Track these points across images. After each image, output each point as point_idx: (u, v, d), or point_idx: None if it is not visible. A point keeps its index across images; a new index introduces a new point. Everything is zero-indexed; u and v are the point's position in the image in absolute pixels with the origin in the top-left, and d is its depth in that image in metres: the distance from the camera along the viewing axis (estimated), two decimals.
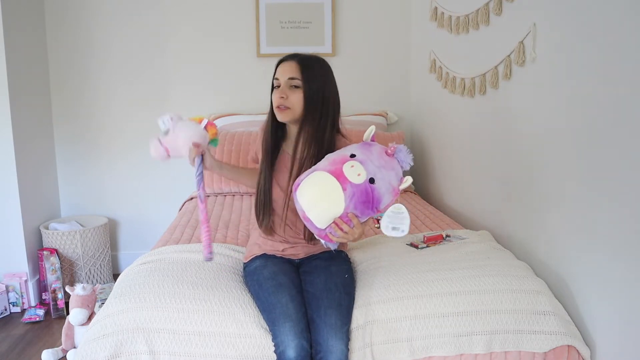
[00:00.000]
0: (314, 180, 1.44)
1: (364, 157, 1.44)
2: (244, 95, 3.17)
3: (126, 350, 1.46)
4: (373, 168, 1.43)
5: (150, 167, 3.21)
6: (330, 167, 1.43)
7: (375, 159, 1.45)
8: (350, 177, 1.40)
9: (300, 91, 1.60)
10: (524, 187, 1.94)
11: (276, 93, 1.62)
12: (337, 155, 1.49)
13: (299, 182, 1.48)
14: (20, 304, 2.71)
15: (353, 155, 1.45)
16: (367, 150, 1.47)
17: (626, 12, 1.39)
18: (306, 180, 1.46)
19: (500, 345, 1.53)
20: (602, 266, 1.52)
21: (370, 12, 3.20)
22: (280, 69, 1.63)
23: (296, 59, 1.62)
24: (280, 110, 1.61)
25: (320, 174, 1.43)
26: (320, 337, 1.42)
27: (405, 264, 1.72)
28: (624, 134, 1.41)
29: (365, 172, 1.41)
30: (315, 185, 1.43)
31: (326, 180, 1.41)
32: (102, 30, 3.07)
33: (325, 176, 1.42)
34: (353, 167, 1.41)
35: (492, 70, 2.11)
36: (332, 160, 1.46)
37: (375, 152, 1.47)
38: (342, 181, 1.40)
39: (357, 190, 1.40)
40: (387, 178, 1.44)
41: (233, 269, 1.75)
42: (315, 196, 1.43)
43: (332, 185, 1.40)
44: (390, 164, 1.46)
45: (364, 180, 1.40)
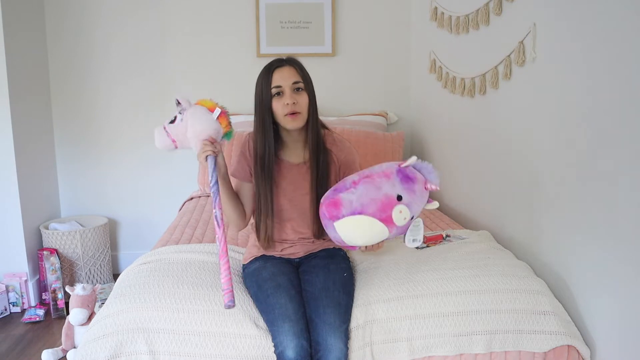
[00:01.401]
0: (363, 225, 1.43)
1: (410, 200, 1.46)
2: (244, 95, 3.14)
3: (126, 351, 1.46)
4: (417, 208, 1.47)
5: (150, 167, 3.22)
6: (379, 214, 1.42)
7: (419, 198, 1.48)
8: (398, 222, 1.44)
9: (304, 93, 1.59)
10: (524, 187, 1.94)
11: (283, 99, 1.56)
12: (382, 195, 1.43)
13: (338, 215, 1.43)
14: (20, 304, 2.71)
15: (399, 198, 1.45)
16: (411, 189, 1.47)
17: (626, 11, 1.39)
18: (352, 219, 1.43)
19: (500, 345, 1.53)
20: (602, 266, 1.52)
21: (370, 12, 3.19)
22: (279, 76, 1.58)
23: (291, 63, 1.61)
24: (292, 117, 1.57)
25: (369, 220, 1.43)
26: (319, 336, 1.42)
27: (405, 264, 1.72)
28: (624, 134, 1.41)
29: (410, 214, 1.46)
30: (364, 231, 1.44)
31: (374, 226, 1.43)
32: (102, 30, 3.07)
33: (375, 223, 1.43)
34: (401, 213, 1.44)
35: (492, 70, 2.11)
36: (380, 203, 1.42)
37: (418, 190, 1.48)
38: (389, 226, 1.44)
39: (399, 230, 1.47)
40: (420, 208, 1.49)
41: (233, 270, 1.75)
42: (365, 240, 1.46)
43: (380, 230, 1.44)
44: (425, 197, 1.50)
45: (407, 221, 1.46)
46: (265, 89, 1.59)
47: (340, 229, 1.44)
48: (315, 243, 1.73)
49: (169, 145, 1.52)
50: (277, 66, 1.59)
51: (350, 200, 1.43)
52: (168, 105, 3.16)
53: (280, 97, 1.58)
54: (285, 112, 1.56)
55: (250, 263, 1.70)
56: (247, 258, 1.75)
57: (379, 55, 3.24)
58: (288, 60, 1.62)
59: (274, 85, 1.57)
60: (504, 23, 2.04)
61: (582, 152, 1.58)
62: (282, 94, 1.57)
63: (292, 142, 1.68)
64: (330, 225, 1.46)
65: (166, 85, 3.15)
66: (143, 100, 3.15)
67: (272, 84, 1.58)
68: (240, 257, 1.85)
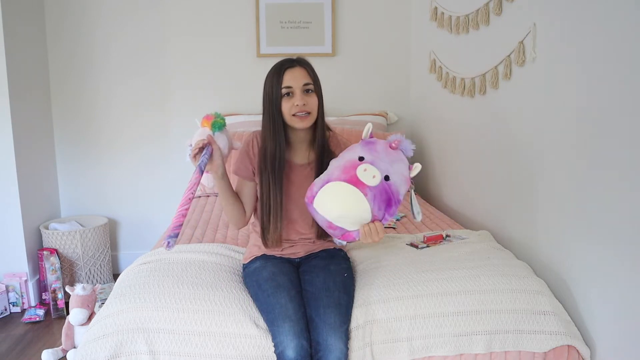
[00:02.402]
0: (333, 191, 1.44)
1: (372, 157, 1.45)
2: (244, 95, 3.17)
3: (126, 351, 1.46)
4: (384, 165, 1.45)
5: (150, 167, 3.22)
6: (344, 176, 1.43)
7: (383, 155, 1.47)
8: (366, 181, 1.42)
9: (314, 95, 1.60)
10: (524, 187, 1.94)
11: (292, 101, 1.57)
12: (344, 160, 1.48)
13: (313, 194, 1.47)
14: (20, 304, 2.71)
15: (362, 158, 1.45)
16: (372, 149, 1.48)
17: (626, 11, 1.39)
18: (323, 191, 1.45)
19: (500, 345, 1.53)
20: (602, 266, 1.52)
21: (370, 12, 3.20)
22: (290, 76, 1.57)
23: (301, 64, 1.61)
24: (302, 118, 1.58)
25: (336, 185, 1.43)
26: (319, 336, 1.42)
27: (405, 264, 1.72)
28: (624, 134, 1.41)
29: (379, 172, 1.43)
30: (335, 196, 1.43)
31: (346, 190, 1.42)
32: (102, 30, 3.07)
33: (343, 186, 1.42)
34: (366, 171, 1.43)
35: (492, 70, 2.11)
36: (342, 167, 1.46)
37: (381, 149, 1.48)
38: (360, 187, 1.42)
39: (377, 192, 1.43)
40: (398, 171, 1.47)
41: (233, 270, 1.75)
42: (340, 208, 1.44)
43: (353, 194, 1.42)
44: (397, 156, 1.49)
45: (380, 181, 1.43)
46: (275, 89, 1.58)
47: (319, 206, 1.46)
48: (316, 243, 1.73)
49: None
50: (289, 66, 1.59)
51: (321, 178, 1.49)
52: (168, 105, 3.17)
53: (290, 98, 1.58)
54: (293, 112, 1.57)
55: (251, 263, 1.70)
56: (247, 258, 1.75)
57: (379, 55, 3.24)
58: (299, 61, 1.62)
59: (285, 85, 1.57)
60: (504, 23, 2.04)
61: (582, 152, 1.58)
62: (292, 95, 1.58)
63: (298, 143, 1.68)
64: (313, 210, 1.48)
65: (166, 85, 3.15)
66: (143, 100, 3.15)
67: (283, 84, 1.57)
68: (240, 257, 1.85)
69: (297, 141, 1.68)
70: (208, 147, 1.55)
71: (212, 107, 3.19)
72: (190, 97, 3.18)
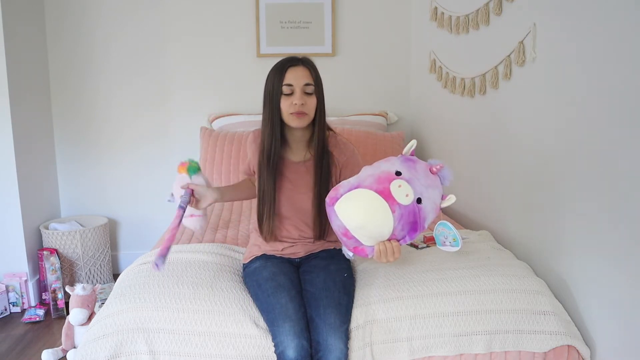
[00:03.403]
0: (359, 197, 1.37)
1: (410, 176, 1.38)
2: (244, 95, 3.17)
3: (126, 351, 1.46)
4: (420, 187, 1.38)
5: (150, 167, 3.22)
6: (376, 186, 1.36)
7: (422, 177, 1.40)
8: (398, 198, 1.35)
9: (313, 97, 1.61)
10: (523, 187, 1.94)
11: (291, 99, 1.58)
12: (379, 170, 1.41)
13: (337, 196, 1.41)
14: (20, 304, 2.71)
15: (399, 173, 1.39)
16: (412, 167, 1.41)
17: (626, 11, 1.39)
18: (349, 195, 1.38)
19: (500, 345, 1.53)
20: (602, 266, 1.52)
21: (370, 12, 3.19)
22: (293, 75, 1.58)
23: (305, 64, 1.61)
24: (298, 117, 1.58)
25: (366, 193, 1.36)
26: (319, 336, 1.42)
27: (405, 264, 1.72)
28: (625, 134, 1.41)
29: (413, 192, 1.36)
30: (360, 203, 1.37)
31: (373, 201, 1.35)
32: (102, 30, 3.07)
33: (372, 196, 1.35)
34: (401, 187, 1.36)
35: (492, 70, 2.11)
36: (377, 177, 1.39)
37: (421, 170, 1.41)
38: (390, 202, 1.35)
39: (405, 212, 1.36)
40: (432, 197, 1.40)
41: (233, 270, 1.75)
42: (362, 217, 1.37)
43: (381, 207, 1.35)
44: (435, 182, 1.42)
45: (412, 202, 1.36)
46: (276, 85, 1.59)
47: (340, 210, 1.39)
48: (316, 243, 1.73)
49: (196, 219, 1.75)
50: (292, 64, 1.60)
51: (349, 181, 1.43)
52: (168, 105, 3.17)
53: (289, 96, 1.59)
54: (291, 110, 1.58)
55: (251, 262, 1.71)
56: (247, 257, 1.75)
57: (379, 55, 3.24)
58: (303, 61, 1.62)
59: (286, 83, 1.58)
60: (504, 23, 2.04)
61: (582, 152, 1.58)
62: (292, 94, 1.58)
63: (295, 142, 1.70)
64: (333, 214, 1.42)
65: (166, 85, 3.15)
66: (143, 100, 3.15)
67: (284, 81, 1.58)
68: (240, 256, 1.85)
69: (294, 139, 1.69)
70: (187, 190, 1.64)
71: (212, 107, 3.20)
72: (190, 97, 3.18)
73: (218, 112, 3.17)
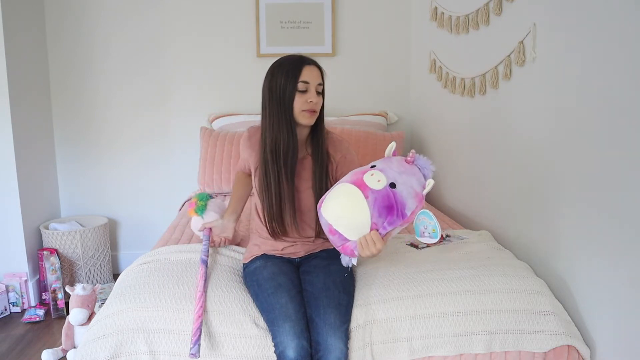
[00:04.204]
0: (338, 192, 1.45)
1: (383, 166, 1.46)
2: (244, 95, 3.17)
3: (126, 351, 1.46)
4: (393, 174, 1.44)
5: (150, 167, 3.22)
6: (352, 179, 1.45)
7: (395, 166, 1.46)
8: (370, 184, 1.41)
9: (321, 96, 1.65)
10: (524, 187, 1.94)
11: (306, 97, 1.59)
12: (359, 169, 1.51)
13: (323, 199, 1.49)
14: (20, 304, 2.71)
15: (373, 166, 1.47)
16: (387, 161, 1.49)
17: (626, 11, 1.39)
18: (329, 194, 1.47)
19: (500, 345, 1.53)
20: (602, 266, 1.52)
21: (370, 12, 3.20)
22: (309, 73, 1.59)
23: (317, 64, 1.64)
24: (311, 114, 1.61)
25: (341, 186, 1.45)
26: (319, 336, 1.42)
27: (405, 264, 1.72)
28: (625, 134, 1.41)
29: (385, 178, 1.43)
30: (337, 196, 1.44)
31: (348, 190, 1.43)
32: (102, 30, 3.07)
33: (347, 187, 1.43)
34: (373, 175, 1.43)
35: (492, 70, 2.11)
36: (354, 172, 1.48)
37: (395, 160, 1.49)
38: (363, 189, 1.41)
39: (379, 196, 1.41)
40: (408, 182, 1.44)
41: (233, 269, 1.75)
42: (340, 208, 1.43)
43: (355, 194, 1.41)
44: (410, 170, 1.46)
45: (384, 186, 1.41)
46: (291, 82, 1.58)
47: (324, 210, 1.45)
48: (316, 243, 1.74)
49: None
50: (307, 63, 1.61)
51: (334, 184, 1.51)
52: (168, 105, 3.17)
53: (304, 94, 1.60)
54: (305, 107, 1.59)
55: (251, 262, 1.71)
56: (247, 257, 1.75)
57: (379, 55, 3.24)
58: (312, 60, 1.65)
59: (303, 80, 1.58)
60: (504, 23, 2.04)
61: (582, 152, 1.58)
62: (307, 91, 1.60)
63: (301, 140, 1.71)
64: (320, 215, 1.47)
65: (166, 85, 3.15)
66: (143, 100, 3.15)
67: (301, 78, 1.58)
68: (240, 256, 1.85)
69: (300, 138, 1.71)
70: (205, 233, 1.81)
71: (212, 107, 3.20)
72: (190, 97, 3.18)
73: (218, 112, 3.17)
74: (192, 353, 1.36)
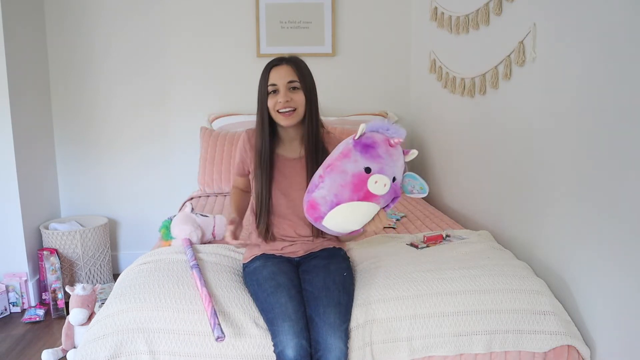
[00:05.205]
0: (348, 212, 1.43)
1: (379, 166, 1.42)
2: (244, 95, 3.17)
3: (126, 351, 1.46)
4: (391, 170, 1.44)
5: (150, 167, 3.22)
6: (356, 195, 1.41)
7: (388, 160, 1.44)
8: (378, 192, 1.42)
9: (300, 91, 1.64)
10: (523, 187, 1.94)
11: (277, 97, 1.62)
12: (349, 176, 1.41)
13: (320, 215, 1.45)
14: (20, 304, 2.71)
15: (368, 169, 1.41)
16: (374, 154, 1.42)
17: (626, 11, 1.39)
18: (335, 212, 1.43)
19: (500, 345, 1.53)
20: (602, 266, 1.52)
21: (370, 12, 3.19)
22: (276, 74, 1.63)
23: (288, 62, 1.65)
24: (285, 116, 1.62)
25: (351, 206, 1.42)
26: (319, 335, 1.42)
27: (405, 264, 1.72)
28: (624, 134, 1.41)
29: (388, 179, 1.43)
30: (352, 215, 1.45)
31: (360, 208, 1.43)
32: (102, 30, 3.07)
33: (356, 205, 1.42)
34: (377, 183, 1.41)
35: (492, 70, 2.11)
36: (351, 185, 1.41)
37: (384, 152, 1.43)
38: (374, 200, 1.43)
39: (387, 195, 1.46)
40: (400, 165, 1.47)
41: (233, 269, 1.75)
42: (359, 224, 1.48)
43: (367, 208, 1.44)
44: (397, 153, 1.47)
45: (390, 187, 1.44)
46: (263, 86, 1.65)
47: (330, 224, 1.47)
48: (315, 242, 1.73)
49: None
50: (275, 65, 1.65)
51: (323, 196, 1.44)
52: (168, 105, 3.17)
53: (275, 95, 1.63)
54: (277, 108, 1.62)
55: (251, 262, 1.71)
56: (247, 257, 1.75)
57: (379, 55, 3.24)
58: (287, 59, 1.66)
59: (270, 83, 1.64)
60: (504, 23, 2.04)
61: (582, 152, 1.58)
62: (277, 92, 1.63)
63: (289, 139, 1.72)
64: (321, 225, 1.50)
65: (166, 85, 3.15)
66: (143, 100, 3.15)
67: (269, 81, 1.64)
68: (240, 256, 1.85)
69: (287, 137, 1.72)
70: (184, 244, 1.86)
71: (212, 107, 3.20)
72: (190, 97, 3.18)
73: (218, 112, 3.17)
74: (218, 336, 1.36)
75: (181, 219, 2.01)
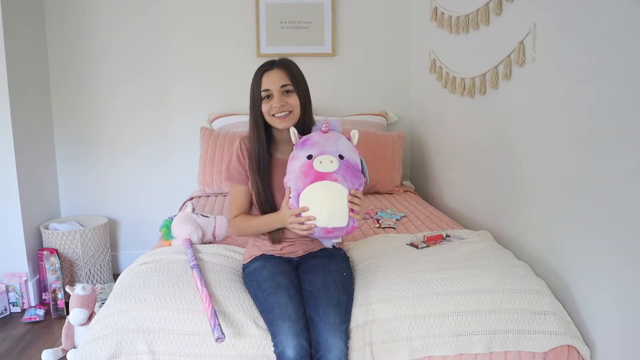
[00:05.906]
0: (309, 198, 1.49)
1: (317, 149, 1.52)
2: (244, 95, 3.11)
3: (126, 351, 1.46)
4: (332, 149, 1.52)
5: (150, 167, 3.22)
6: (307, 179, 1.49)
7: (324, 142, 1.53)
8: (327, 169, 1.49)
9: (294, 94, 1.64)
10: (524, 187, 1.94)
11: (272, 102, 1.62)
12: (297, 167, 1.52)
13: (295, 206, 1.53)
14: (20, 304, 2.71)
15: (310, 156, 1.51)
16: (311, 144, 1.54)
17: (626, 12, 1.39)
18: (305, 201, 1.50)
19: (500, 345, 1.53)
20: (602, 266, 1.52)
21: (370, 12, 3.19)
22: (268, 80, 1.63)
23: (280, 66, 1.65)
24: (281, 119, 1.62)
25: (307, 191, 1.49)
26: (319, 335, 1.42)
27: (405, 264, 1.72)
28: (624, 134, 1.41)
29: (332, 156, 1.50)
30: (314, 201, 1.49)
31: (318, 188, 1.48)
32: (102, 30, 3.07)
33: (313, 187, 1.48)
34: (322, 163, 1.49)
35: (492, 70, 2.11)
36: (300, 174, 1.51)
37: (318, 138, 1.55)
38: (328, 177, 1.48)
39: (341, 171, 1.50)
40: (344, 145, 1.55)
41: (232, 270, 1.75)
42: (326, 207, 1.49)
43: (332, 187, 1.48)
44: (335, 136, 1.57)
45: (338, 163, 1.50)
46: (255, 92, 1.65)
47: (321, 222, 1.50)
48: (314, 242, 1.73)
49: None
50: (266, 70, 1.65)
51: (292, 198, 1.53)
52: (168, 105, 3.17)
53: (269, 100, 1.63)
54: (272, 112, 1.63)
55: (250, 263, 1.71)
56: (246, 258, 1.75)
57: (379, 56, 3.24)
58: (278, 63, 1.66)
59: (263, 88, 1.63)
60: (504, 23, 2.04)
61: (582, 152, 1.58)
62: (271, 97, 1.63)
63: (284, 141, 1.71)
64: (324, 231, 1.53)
65: (166, 85, 3.15)
66: (143, 100, 3.15)
67: (262, 87, 1.63)
68: (240, 257, 1.85)
69: (283, 140, 1.71)
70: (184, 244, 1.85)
71: (212, 107, 3.20)
72: (190, 97, 3.18)
73: (218, 112, 3.17)
74: (218, 337, 1.37)
75: (182, 218, 2.01)
